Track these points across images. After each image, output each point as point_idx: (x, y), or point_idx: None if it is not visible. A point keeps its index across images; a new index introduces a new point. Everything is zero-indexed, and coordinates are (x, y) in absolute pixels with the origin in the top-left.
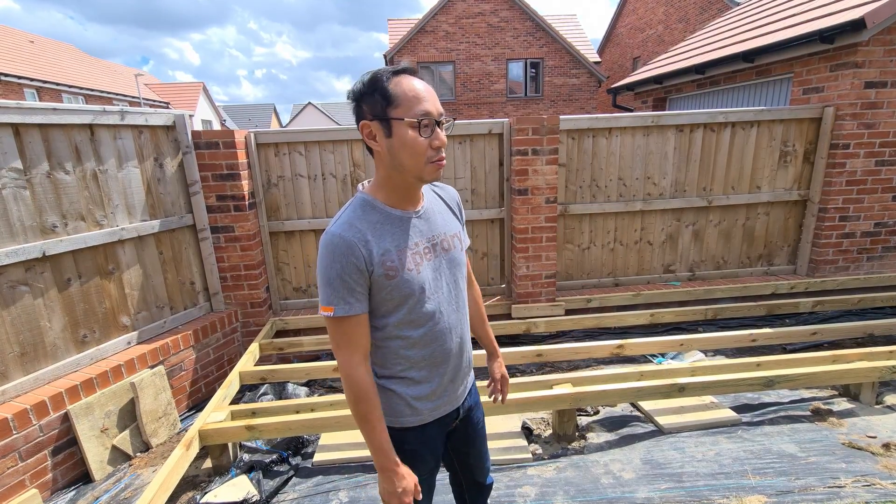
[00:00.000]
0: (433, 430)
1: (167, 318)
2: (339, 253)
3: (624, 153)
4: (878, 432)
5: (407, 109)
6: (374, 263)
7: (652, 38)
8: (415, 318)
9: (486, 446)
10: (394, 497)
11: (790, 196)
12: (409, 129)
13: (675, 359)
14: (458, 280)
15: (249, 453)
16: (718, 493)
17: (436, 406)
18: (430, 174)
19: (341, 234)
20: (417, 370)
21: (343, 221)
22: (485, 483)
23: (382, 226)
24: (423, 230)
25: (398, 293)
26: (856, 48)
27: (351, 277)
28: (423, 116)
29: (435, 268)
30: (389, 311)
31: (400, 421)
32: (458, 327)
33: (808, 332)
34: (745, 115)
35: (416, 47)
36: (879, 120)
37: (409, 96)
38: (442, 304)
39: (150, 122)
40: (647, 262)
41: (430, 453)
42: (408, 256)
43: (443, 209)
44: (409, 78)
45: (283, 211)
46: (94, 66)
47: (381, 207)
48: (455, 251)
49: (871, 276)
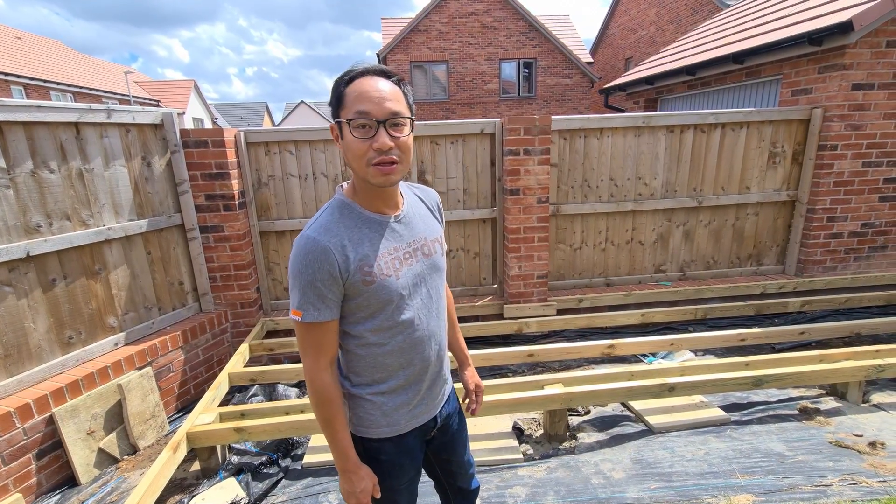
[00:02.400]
0: (411, 440)
1: (155, 318)
2: (313, 258)
3: (615, 153)
4: (865, 431)
5: (349, 110)
6: (351, 270)
7: (644, 39)
8: (393, 325)
9: (468, 452)
10: (352, 497)
11: (779, 196)
12: (350, 130)
13: (666, 358)
14: (438, 286)
15: (238, 455)
16: (707, 493)
17: (413, 415)
18: (373, 177)
19: (316, 239)
20: (395, 379)
21: (319, 225)
22: (469, 489)
23: (360, 230)
24: (402, 234)
25: (375, 299)
26: (843, 50)
27: (323, 284)
28: (358, 116)
29: (415, 274)
30: (366, 317)
31: (377, 432)
32: (437, 334)
33: (797, 331)
34: (734, 116)
35: (409, 46)
36: (866, 122)
37: (352, 97)
38: (421, 311)
39: (137, 121)
40: (638, 262)
41: (409, 462)
42: (386, 262)
43: (424, 213)
44: (371, 79)
45: (274, 210)
46: (82, 63)
47: (359, 211)
48: (436, 256)
49: (858, 276)
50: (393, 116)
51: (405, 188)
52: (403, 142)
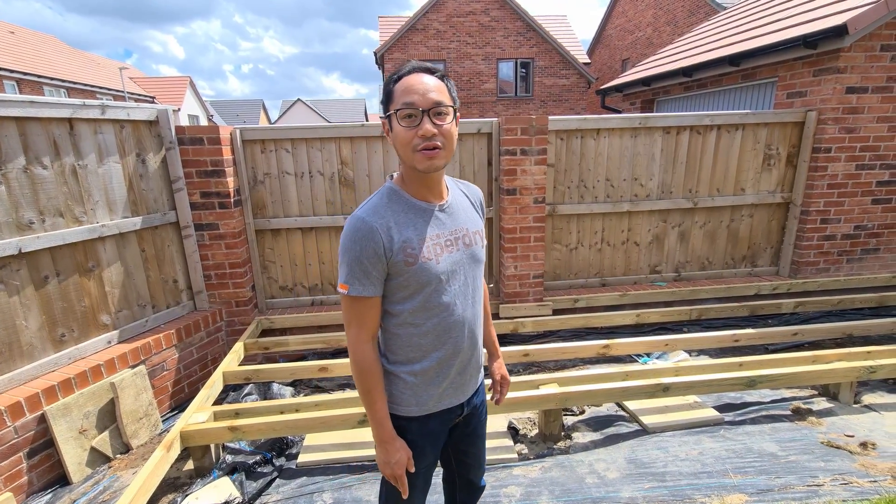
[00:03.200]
0: (436, 424)
1: (149, 316)
2: (361, 236)
3: (612, 154)
4: (856, 431)
5: (396, 103)
6: (395, 250)
7: (641, 41)
8: (429, 307)
9: (484, 447)
10: (387, 467)
11: (773, 198)
12: (397, 121)
13: (661, 359)
14: (476, 276)
15: (232, 454)
16: (701, 492)
17: (441, 398)
18: (419, 163)
19: (365, 219)
20: (427, 360)
21: (369, 207)
22: (478, 484)
23: (406, 214)
24: (445, 223)
25: (415, 280)
26: (838, 54)
27: (368, 261)
28: (404, 107)
29: (455, 261)
30: (405, 297)
31: (406, 409)
32: (471, 322)
33: (790, 332)
34: (730, 118)
35: (406, 45)
36: (860, 125)
37: (399, 91)
38: (457, 297)
39: (132, 117)
40: (633, 262)
41: (430, 446)
42: (428, 246)
43: (467, 206)
44: (417, 75)
45: (270, 209)
46: (76, 59)
47: (407, 198)
48: (475, 247)
49: (851, 278)
50: (436, 106)
51: (451, 182)
52: (446, 129)
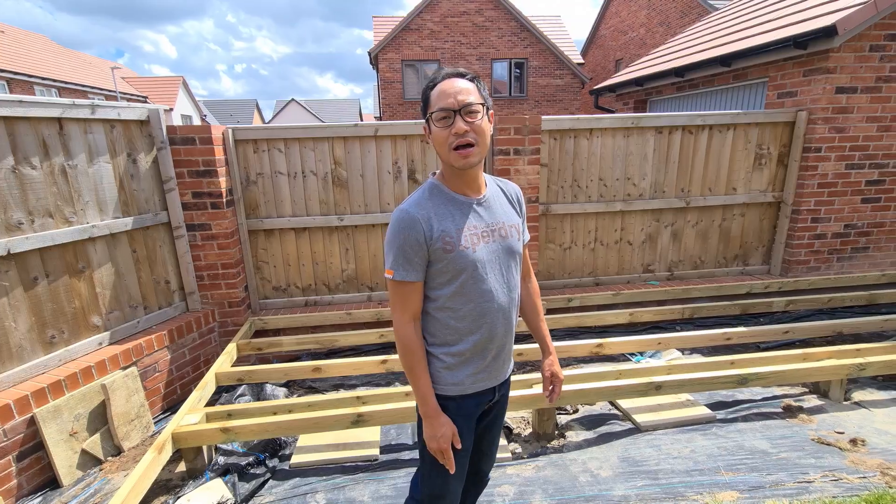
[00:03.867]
0: (471, 405)
1: (141, 317)
2: (404, 226)
3: (605, 154)
4: (846, 428)
5: (432, 108)
6: (434, 238)
7: (634, 41)
8: (466, 293)
9: (499, 438)
10: (433, 440)
11: (765, 198)
12: (434, 124)
13: (653, 357)
14: (511, 266)
15: (225, 456)
16: (693, 490)
17: (477, 379)
18: (455, 160)
19: (408, 210)
20: (464, 343)
21: (413, 201)
22: (486, 475)
23: (446, 207)
24: (482, 216)
25: (453, 267)
26: (828, 54)
27: (411, 248)
28: (438, 111)
29: (491, 251)
30: (444, 283)
31: (443, 388)
32: (505, 310)
33: (781, 330)
34: (722, 118)
35: (400, 45)
36: (850, 124)
37: (435, 97)
38: (493, 285)
39: (122, 117)
40: (626, 261)
41: (466, 429)
42: (465, 236)
43: (504, 202)
44: (449, 80)
45: (263, 209)
46: (67, 58)
47: (447, 192)
48: (511, 240)
49: (841, 277)
50: (467, 106)
51: (489, 179)
52: (478, 125)
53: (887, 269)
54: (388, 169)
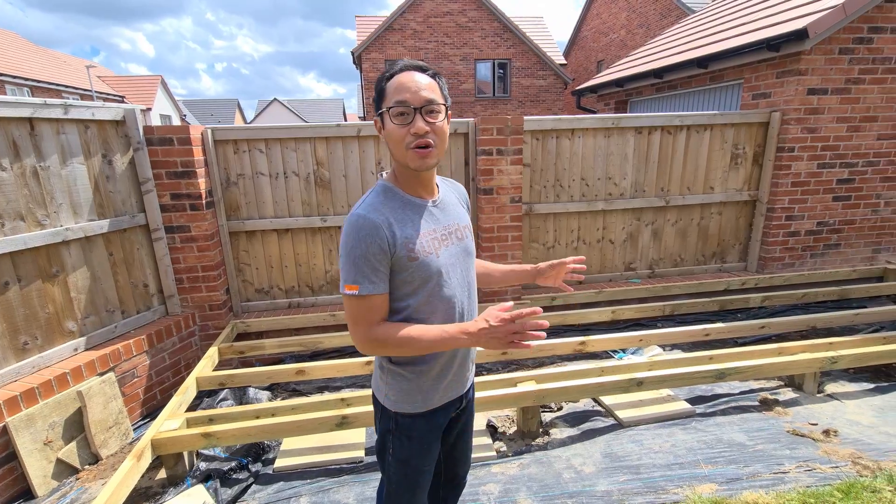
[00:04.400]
0: (440, 417)
1: (118, 322)
2: (366, 233)
3: (586, 154)
4: (819, 419)
5: (388, 101)
6: (397, 245)
7: (615, 42)
8: (433, 301)
9: (471, 442)
10: (499, 334)
11: (741, 196)
12: (390, 119)
13: (635, 354)
14: (469, 268)
15: (206, 461)
16: (673, 483)
17: (445, 390)
18: (412, 161)
19: (367, 216)
20: (433, 358)
21: (368, 204)
22: (463, 479)
23: (403, 211)
24: (439, 218)
25: (418, 275)
26: (799, 56)
27: (375, 257)
28: (396, 105)
29: (452, 254)
30: (409, 293)
31: (411, 406)
32: (470, 313)
33: (757, 325)
34: (699, 118)
35: (384, 45)
36: (821, 125)
37: (392, 89)
38: (457, 290)
39: (97, 117)
40: (609, 260)
41: (435, 442)
42: (427, 241)
43: (455, 202)
44: (409, 73)
45: (244, 210)
46: (40, 56)
47: (401, 194)
48: (468, 241)
49: (815, 273)
50: (428, 104)
51: (440, 180)
52: (439, 127)
53: (857, 264)
54: (372, 169)
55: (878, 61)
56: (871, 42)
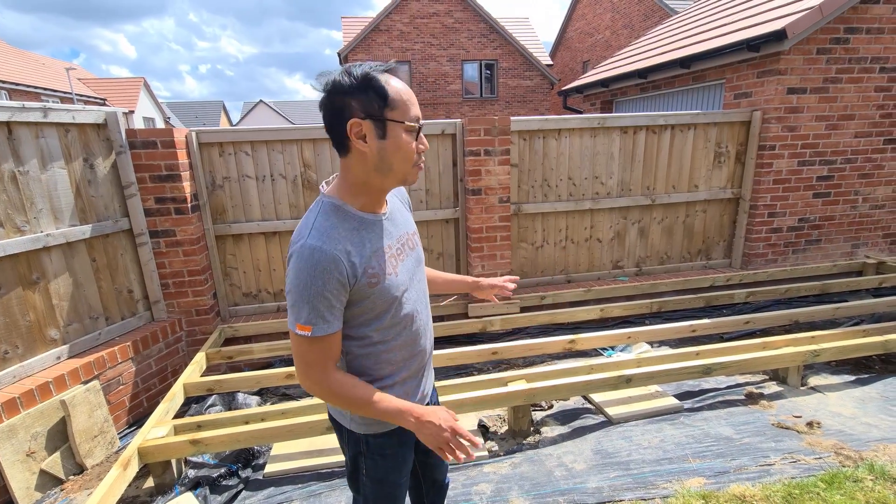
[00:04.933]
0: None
1: (102, 329)
2: (322, 269)
3: (573, 154)
4: (803, 412)
5: (404, 112)
6: (358, 275)
7: (600, 43)
8: (396, 323)
9: None
10: (441, 433)
11: (724, 194)
12: (403, 132)
13: (624, 351)
14: (423, 278)
15: (195, 469)
16: (662, 478)
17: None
18: (413, 177)
19: (322, 248)
20: (399, 372)
21: (320, 232)
22: (444, 482)
23: (358, 233)
24: (392, 232)
25: (381, 300)
26: (779, 56)
27: (332, 294)
28: (417, 122)
29: (407, 268)
30: (371, 319)
31: (382, 426)
32: (428, 324)
33: (742, 321)
34: (682, 118)
35: (370, 46)
36: (801, 123)
37: (403, 98)
38: (416, 304)
39: (77, 120)
40: (596, 258)
41: (409, 454)
42: (386, 261)
43: (400, 208)
44: (395, 78)
45: (230, 213)
46: (18, 59)
47: (354, 213)
48: (418, 248)
49: (797, 268)
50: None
51: None
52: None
53: (838, 259)
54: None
55: (854, 61)
56: (847, 42)
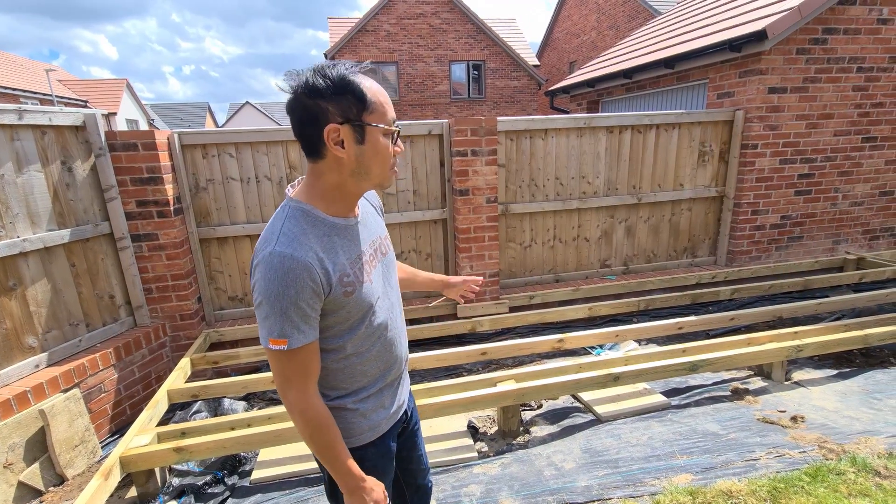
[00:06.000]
0: (389, 440)
1: (83, 335)
2: (294, 277)
3: (560, 153)
4: (787, 407)
5: (381, 116)
6: (332, 283)
7: (586, 44)
8: (371, 332)
9: (424, 448)
10: None
11: (709, 192)
12: (381, 136)
13: (612, 350)
14: (395, 282)
15: (180, 477)
16: (651, 475)
17: (390, 414)
18: (388, 181)
19: (293, 255)
20: (376, 384)
21: (289, 238)
22: (428, 486)
23: (330, 238)
24: (365, 237)
25: (357, 309)
26: (760, 56)
27: (306, 303)
28: (395, 125)
29: (380, 274)
30: (345, 330)
31: (360, 439)
32: (402, 330)
33: (727, 317)
34: (667, 117)
35: (357, 47)
36: (782, 122)
37: (380, 101)
38: (390, 312)
39: (55, 122)
40: (584, 257)
41: (389, 465)
42: (360, 268)
43: (372, 211)
44: (370, 80)
45: (215, 216)
46: None
47: (325, 218)
48: (390, 252)
49: (780, 265)
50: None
51: None
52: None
53: (819, 256)
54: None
55: (832, 61)
56: (825, 42)
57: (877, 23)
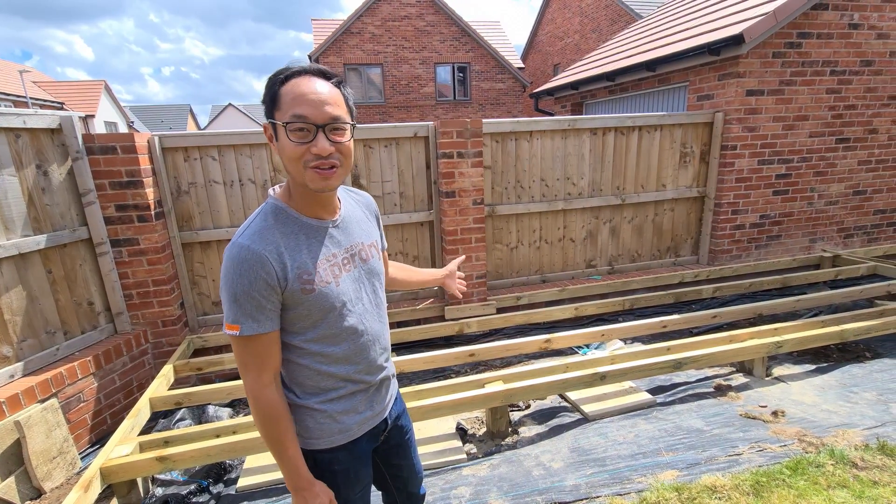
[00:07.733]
0: (364, 445)
1: (60, 344)
2: (248, 267)
3: (545, 155)
4: (769, 402)
5: (284, 112)
6: (289, 279)
7: (570, 46)
8: (336, 333)
9: (417, 455)
10: None
11: (691, 193)
12: (285, 133)
13: (598, 349)
14: (377, 290)
15: (163, 486)
16: (637, 473)
17: (364, 419)
18: (312, 182)
19: (250, 247)
20: (344, 386)
21: (253, 232)
22: (420, 493)
23: (296, 236)
24: (340, 241)
25: (317, 308)
26: (738, 60)
27: (260, 294)
28: (295, 119)
29: (354, 279)
30: (307, 327)
31: (329, 441)
32: (381, 337)
33: (710, 315)
34: (649, 119)
35: (342, 48)
36: (759, 124)
37: (289, 98)
38: (364, 317)
39: (29, 125)
40: (570, 258)
41: (363, 469)
42: (325, 269)
43: (360, 217)
44: (309, 80)
45: (197, 220)
46: None
47: (295, 216)
48: (373, 261)
49: (760, 263)
50: (333, 121)
51: (343, 192)
52: (346, 147)
53: (797, 254)
54: None
55: (806, 64)
56: (800, 46)
57: (848, 28)
